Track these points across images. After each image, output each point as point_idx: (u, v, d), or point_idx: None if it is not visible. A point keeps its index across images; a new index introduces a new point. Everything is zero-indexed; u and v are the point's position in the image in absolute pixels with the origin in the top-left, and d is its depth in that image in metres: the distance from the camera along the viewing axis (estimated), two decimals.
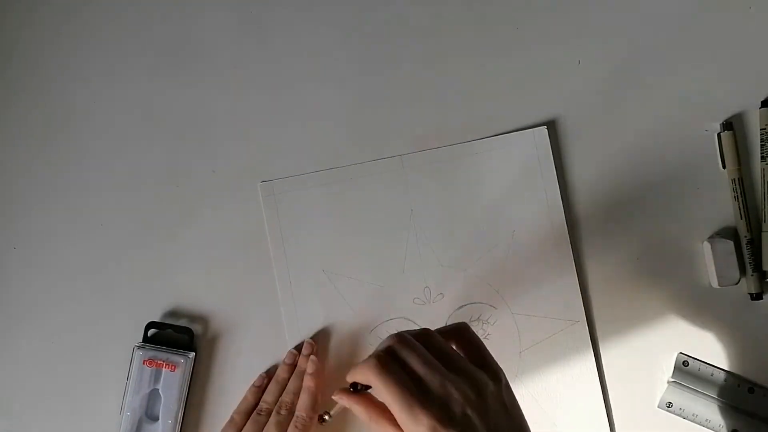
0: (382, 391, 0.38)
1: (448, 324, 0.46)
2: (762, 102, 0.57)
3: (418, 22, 0.59)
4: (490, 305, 0.56)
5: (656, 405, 0.55)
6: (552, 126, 0.57)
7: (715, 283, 0.55)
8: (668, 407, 0.55)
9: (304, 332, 0.56)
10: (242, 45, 0.59)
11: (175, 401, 0.54)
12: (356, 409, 0.41)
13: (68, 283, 0.57)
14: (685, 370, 0.55)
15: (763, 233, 0.55)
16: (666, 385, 0.55)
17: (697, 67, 0.58)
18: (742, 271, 0.56)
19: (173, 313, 0.57)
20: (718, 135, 0.57)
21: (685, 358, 0.55)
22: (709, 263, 0.56)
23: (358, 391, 0.42)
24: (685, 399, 0.54)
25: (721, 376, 0.55)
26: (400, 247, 0.57)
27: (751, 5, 0.58)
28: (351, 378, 0.42)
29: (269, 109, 0.59)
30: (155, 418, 0.55)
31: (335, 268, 0.56)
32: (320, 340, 0.56)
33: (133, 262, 0.57)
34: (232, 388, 0.56)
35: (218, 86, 0.59)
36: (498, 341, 0.55)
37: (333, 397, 0.43)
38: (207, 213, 0.58)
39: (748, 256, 0.55)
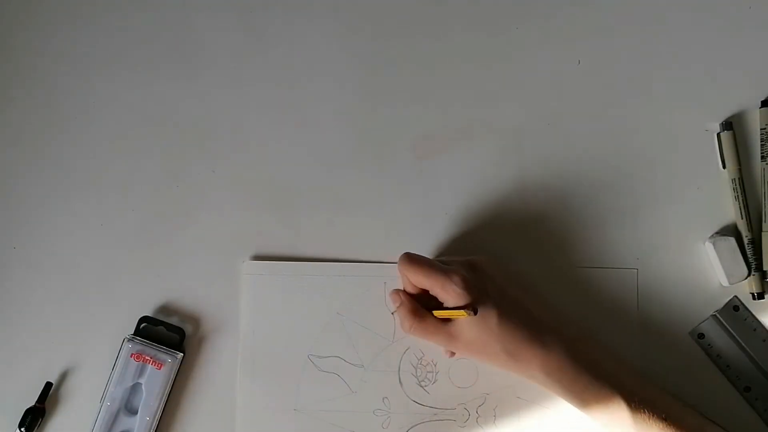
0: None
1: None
2: (762, 102, 0.57)
3: (417, 23, 0.59)
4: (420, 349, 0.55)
5: (687, 331, 0.55)
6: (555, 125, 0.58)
7: (725, 282, 0.55)
8: (699, 338, 0.54)
9: None
10: (243, 45, 0.59)
11: (156, 398, 0.54)
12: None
13: (67, 281, 0.57)
14: (733, 314, 0.54)
15: (763, 233, 0.55)
16: (707, 316, 0.55)
17: (697, 67, 0.58)
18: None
19: (167, 310, 0.57)
20: (718, 135, 0.57)
21: (738, 303, 0.55)
22: (715, 263, 0.55)
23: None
24: (718, 337, 0.54)
25: (763, 334, 0.54)
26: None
27: (751, 5, 0.58)
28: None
29: (269, 109, 0.59)
30: (134, 412, 0.55)
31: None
32: None
33: (132, 262, 0.57)
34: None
35: (219, 86, 0.59)
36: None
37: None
38: (206, 213, 0.58)
39: (749, 255, 0.55)
